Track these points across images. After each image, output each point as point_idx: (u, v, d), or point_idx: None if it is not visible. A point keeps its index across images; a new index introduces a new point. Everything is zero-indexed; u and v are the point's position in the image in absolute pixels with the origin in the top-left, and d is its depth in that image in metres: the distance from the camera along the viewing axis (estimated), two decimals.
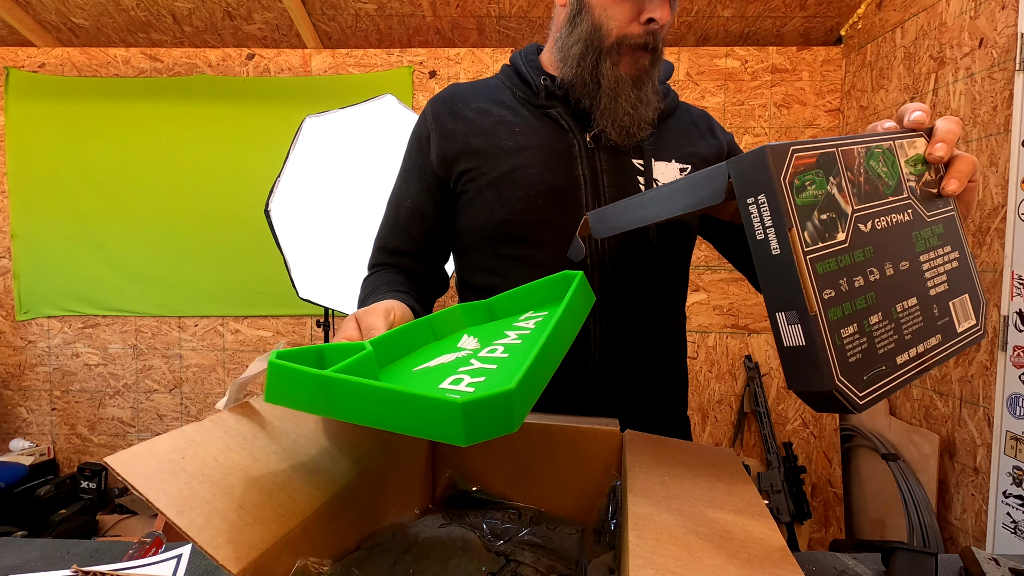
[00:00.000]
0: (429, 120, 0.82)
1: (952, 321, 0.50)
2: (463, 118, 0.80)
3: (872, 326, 0.43)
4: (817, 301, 0.40)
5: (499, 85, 0.85)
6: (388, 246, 0.85)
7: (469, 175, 0.79)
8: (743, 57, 2.52)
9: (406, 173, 0.85)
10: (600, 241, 0.77)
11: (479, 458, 0.64)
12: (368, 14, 2.39)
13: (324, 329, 2.13)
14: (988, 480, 1.62)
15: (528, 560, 0.49)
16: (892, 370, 0.43)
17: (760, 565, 0.35)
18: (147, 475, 0.35)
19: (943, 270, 0.50)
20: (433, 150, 0.80)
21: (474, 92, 0.84)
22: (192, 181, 2.59)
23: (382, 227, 0.87)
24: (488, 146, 0.78)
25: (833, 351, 0.40)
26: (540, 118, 0.80)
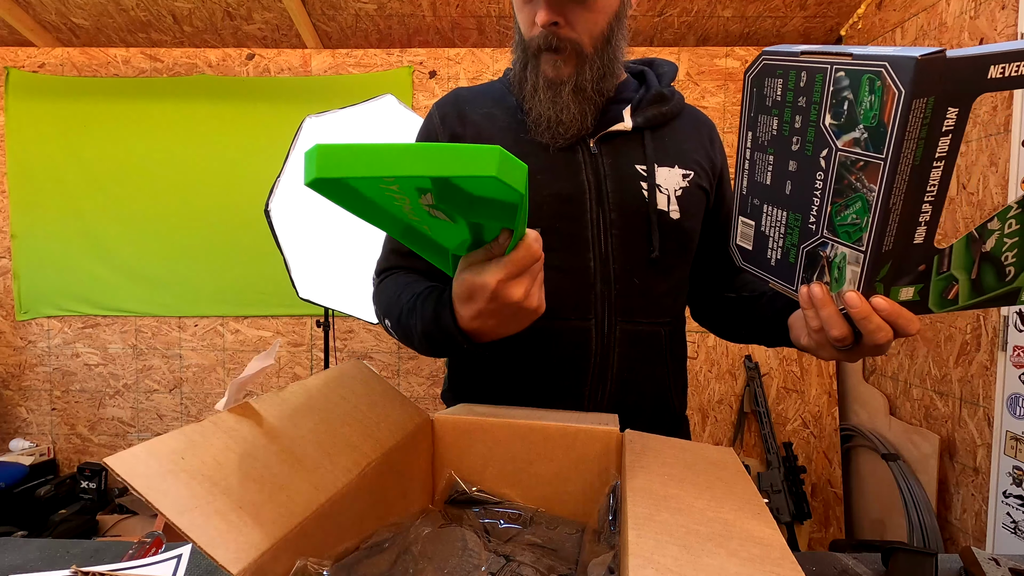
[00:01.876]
0: (437, 123, 0.82)
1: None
2: (471, 122, 0.80)
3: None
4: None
5: (503, 89, 0.85)
6: (401, 249, 0.83)
7: None
8: (743, 57, 2.52)
9: None
10: (603, 245, 0.77)
11: (479, 458, 0.64)
12: (368, 14, 2.39)
13: (324, 329, 2.13)
14: (988, 480, 1.62)
15: (528, 560, 0.49)
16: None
17: (760, 564, 0.35)
18: (147, 475, 0.35)
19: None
20: None
21: (479, 96, 0.84)
22: (192, 181, 2.59)
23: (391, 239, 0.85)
24: None
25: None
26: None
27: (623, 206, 0.78)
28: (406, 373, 2.66)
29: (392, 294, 0.75)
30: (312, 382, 0.56)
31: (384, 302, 0.77)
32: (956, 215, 1.80)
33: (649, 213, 0.78)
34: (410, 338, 0.71)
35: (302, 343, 2.67)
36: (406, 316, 0.70)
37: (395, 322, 0.73)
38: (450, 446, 0.64)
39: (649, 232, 0.78)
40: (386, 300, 0.77)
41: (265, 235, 2.44)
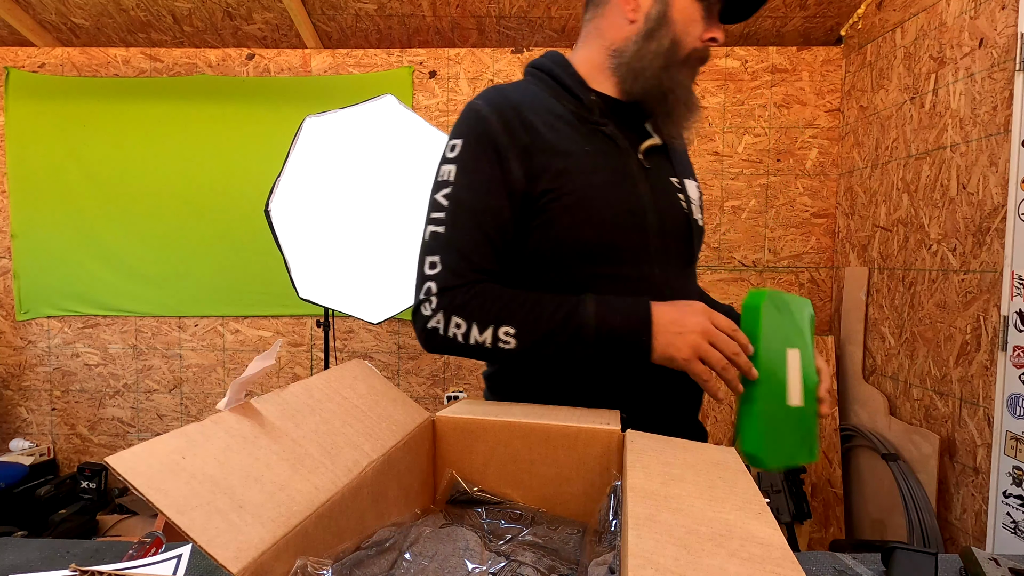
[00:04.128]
0: (499, 129, 0.76)
1: None
2: (536, 130, 0.77)
3: None
4: None
5: (548, 96, 0.82)
6: (479, 265, 0.76)
7: (552, 194, 0.76)
8: (743, 57, 2.52)
9: (482, 184, 0.76)
10: (661, 254, 0.81)
11: (480, 458, 0.64)
12: (368, 14, 2.39)
13: (324, 329, 2.13)
14: (988, 480, 1.62)
15: (529, 560, 0.49)
16: None
17: (761, 564, 0.35)
18: (147, 475, 0.35)
19: None
20: (516, 165, 0.76)
21: (530, 102, 0.80)
22: (192, 181, 2.59)
23: (462, 241, 0.76)
24: (567, 165, 0.76)
25: None
26: (598, 136, 0.80)
27: (671, 217, 0.82)
28: (406, 373, 2.66)
29: (508, 297, 0.73)
30: (313, 382, 0.56)
31: (494, 308, 0.73)
32: (956, 215, 1.80)
33: (690, 222, 0.84)
34: (550, 340, 0.71)
35: (302, 343, 2.67)
36: (559, 321, 0.71)
37: (522, 324, 0.71)
38: (451, 446, 0.64)
39: (691, 239, 0.84)
40: (499, 305, 0.73)
41: (265, 235, 2.45)
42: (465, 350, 0.74)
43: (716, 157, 2.55)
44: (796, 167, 2.53)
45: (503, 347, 0.72)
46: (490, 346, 0.72)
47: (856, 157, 2.36)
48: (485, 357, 0.75)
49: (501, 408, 0.68)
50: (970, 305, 1.74)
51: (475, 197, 0.76)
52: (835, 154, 2.51)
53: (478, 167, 0.76)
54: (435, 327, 0.74)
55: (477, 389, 2.67)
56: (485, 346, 0.72)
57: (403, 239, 2.07)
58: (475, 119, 0.78)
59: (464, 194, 0.76)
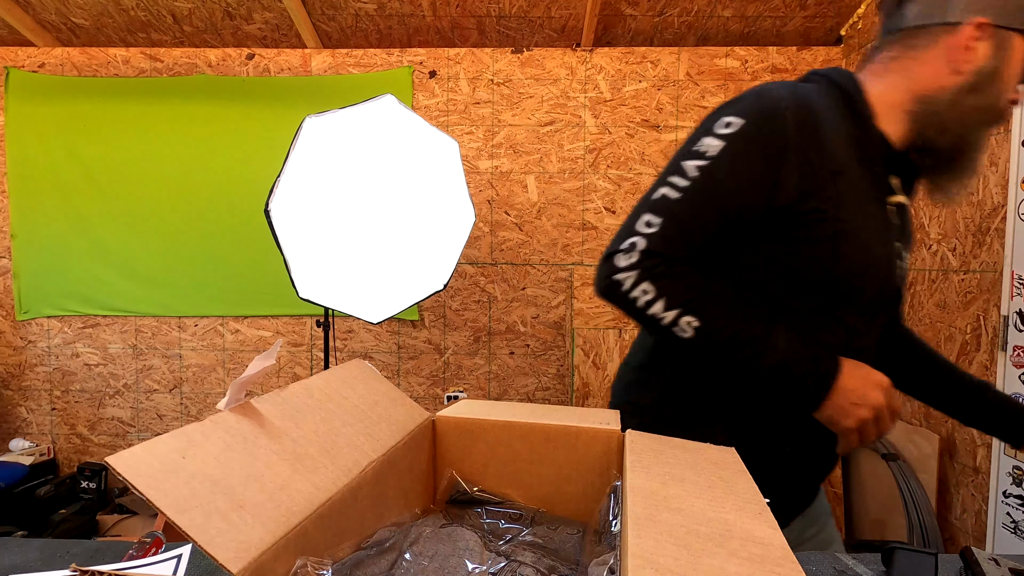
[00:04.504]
0: (792, 132, 0.70)
1: None
2: (824, 148, 0.72)
3: None
4: None
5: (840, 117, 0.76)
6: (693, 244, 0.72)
7: (821, 215, 0.71)
8: (743, 57, 2.52)
9: (744, 177, 0.70)
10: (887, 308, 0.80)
11: (480, 458, 0.64)
12: (368, 14, 2.39)
13: (324, 329, 2.13)
14: (988, 480, 1.62)
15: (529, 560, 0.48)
16: None
17: (761, 564, 0.35)
18: (147, 475, 0.35)
19: None
20: (793, 175, 0.70)
21: (827, 115, 0.74)
22: (192, 181, 2.59)
23: (690, 215, 0.71)
24: (845, 192, 0.72)
25: None
26: (873, 174, 0.76)
27: (895, 277, 0.79)
28: (406, 373, 2.66)
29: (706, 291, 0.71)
30: (313, 382, 0.56)
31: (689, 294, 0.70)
32: (956, 215, 1.80)
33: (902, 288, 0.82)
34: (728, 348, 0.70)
35: (302, 343, 2.66)
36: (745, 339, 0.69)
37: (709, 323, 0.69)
38: (451, 446, 0.64)
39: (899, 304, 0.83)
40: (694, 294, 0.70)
41: (265, 235, 2.45)
42: (637, 314, 0.72)
43: None
44: None
45: (678, 333, 0.70)
46: (666, 325, 0.70)
47: None
48: (653, 331, 0.72)
49: (501, 408, 0.68)
50: (970, 305, 1.74)
51: (729, 184, 0.71)
52: None
53: (749, 158, 0.70)
54: (621, 281, 0.71)
55: (477, 389, 2.67)
56: (661, 323, 0.70)
57: (403, 239, 2.07)
58: (771, 110, 0.71)
59: (720, 175, 0.70)
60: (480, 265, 2.63)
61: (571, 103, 2.57)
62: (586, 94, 2.57)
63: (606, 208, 2.59)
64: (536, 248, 2.61)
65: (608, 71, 2.56)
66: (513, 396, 2.65)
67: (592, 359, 2.40)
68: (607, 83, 2.56)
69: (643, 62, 2.55)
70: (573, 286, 2.45)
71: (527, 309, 2.63)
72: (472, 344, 2.65)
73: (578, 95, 2.57)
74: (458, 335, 2.65)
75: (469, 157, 2.60)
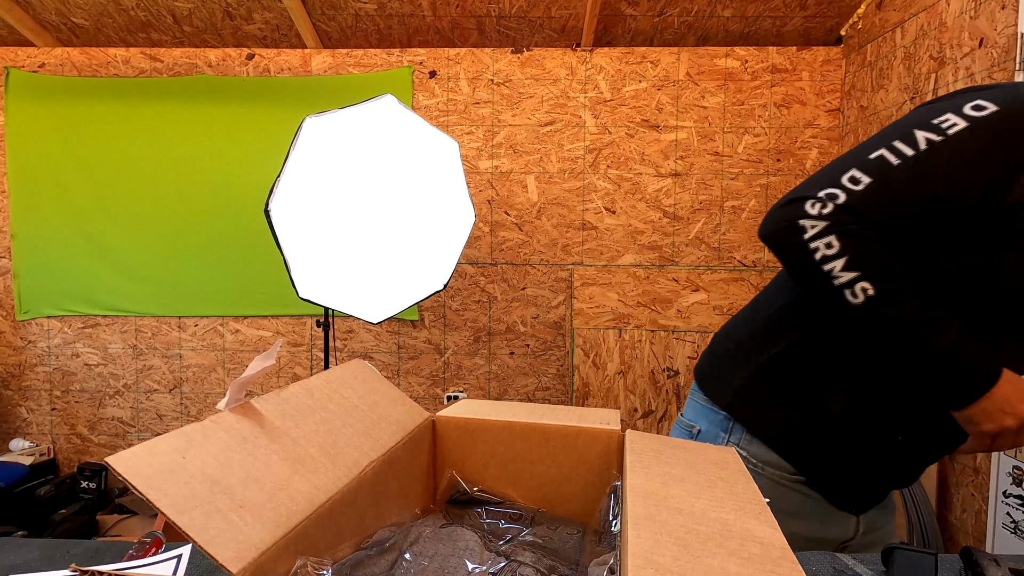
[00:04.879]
0: None
1: None
2: None
3: None
4: None
5: None
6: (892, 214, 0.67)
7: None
8: (743, 57, 2.52)
9: (974, 164, 0.65)
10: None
11: (480, 458, 0.64)
12: (368, 14, 2.39)
13: (324, 329, 2.13)
14: (988, 480, 1.62)
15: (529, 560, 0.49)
16: None
17: (760, 564, 0.35)
18: (147, 475, 0.35)
19: None
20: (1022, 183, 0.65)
21: None
22: (192, 181, 2.59)
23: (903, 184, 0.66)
24: None
25: None
26: None
27: None
28: (406, 373, 2.66)
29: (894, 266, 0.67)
30: (313, 382, 0.56)
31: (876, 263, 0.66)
32: None
33: None
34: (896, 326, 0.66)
35: (302, 343, 2.66)
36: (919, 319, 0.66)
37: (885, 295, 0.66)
38: (451, 446, 0.64)
39: None
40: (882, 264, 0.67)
41: (265, 235, 2.45)
42: (807, 265, 0.68)
43: (716, 157, 2.55)
44: (796, 167, 2.53)
45: (847, 296, 0.67)
46: (837, 286, 0.67)
47: None
48: (817, 286, 0.69)
49: (501, 408, 0.68)
50: None
51: (959, 165, 0.65)
52: (835, 154, 2.51)
53: (989, 148, 0.65)
54: (804, 227, 0.68)
55: (477, 389, 2.67)
56: (832, 282, 0.67)
57: (403, 239, 2.07)
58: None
59: (951, 156, 0.65)
60: (480, 265, 2.63)
61: (571, 103, 2.57)
62: (586, 94, 2.57)
63: (606, 208, 2.59)
64: (536, 248, 2.61)
65: (608, 71, 2.56)
66: (513, 396, 2.65)
67: (592, 359, 2.40)
68: (607, 83, 2.56)
69: (643, 62, 2.55)
70: (573, 286, 2.45)
71: (527, 309, 2.63)
72: (472, 344, 2.65)
73: (578, 95, 2.57)
74: (458, 335, 2.65)
75: (469, 157, 2.60)
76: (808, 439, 0.79)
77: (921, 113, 0.70)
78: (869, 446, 0.77)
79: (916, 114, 0.71)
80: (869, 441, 0.77)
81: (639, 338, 2.39)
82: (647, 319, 2.42)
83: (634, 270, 2.45)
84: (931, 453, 0.80)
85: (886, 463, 0.78)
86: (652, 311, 2.42)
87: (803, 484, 0.80)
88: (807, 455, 0.79)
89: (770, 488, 0.80)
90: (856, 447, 0.78)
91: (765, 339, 0.83)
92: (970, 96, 0.67)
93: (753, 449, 0.82)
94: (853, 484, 0.80)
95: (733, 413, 0.84)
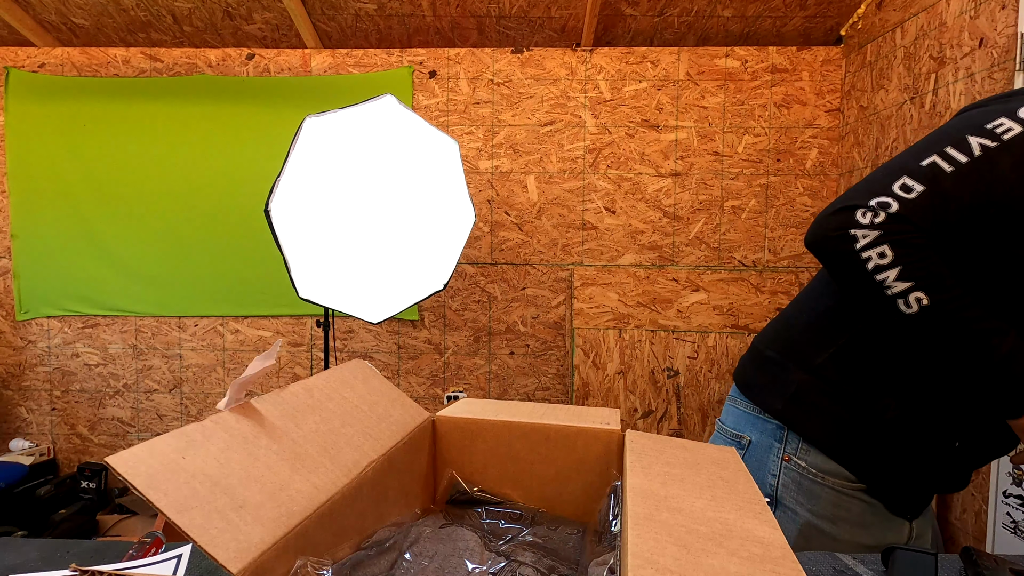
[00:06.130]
0: None
1: None
2: None
3: None
4: None
5: None
6: (944, 222, 0.66)
7: None
8: (743, 57, 2.52)
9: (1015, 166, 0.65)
10: None
11: (480, 458, 0.64)
12: (368, 14, 2.39)
13: (324, 329, 2.13)
14: (988, 480, 1.62)
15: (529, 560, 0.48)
16: None
17: (760, 564, 0.35)
18: (147, 475, 0.35)
19: None
20: None
21: None
22: (192, 181, 2.59)
23: (956, 193, 0.66)
24: None
25: None
26: None
27: None
28: (406, 373, 2.66)
29: (947, 275, 0.66)
30: (314, 382, 0.56)
31: (930, 272, 0.65)
32: None
33: None
34: (951, 335, 0.65)
35: (302, 343, 2.66)
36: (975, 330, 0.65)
37: (940, 305, 0.65)
38: (451, 446, 0.64)
39: None
40: (936, 273, 0.65)
41: (265, 235, 2.45)
42: (859, 275, 0.67)
43: (716, 157, 2.55)
44: (796, 167, 2.53)
45: (901, 306, 0.66)
46: (891, 295, 0.66)
47: (856, 157, 2.36)
48: (870, 296, 0.68)
49: (501, 408, 0.68)
50: None
51: (1012, 176, 0.65)
52: (835, 154, 2.51)
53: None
54: (856, 236, 0.67)
55: (477, 389, 2.67)
56: (887, 292, 0.66)
57: (403, 239, 2.07)
58: None
59: (1007, 162, 0.64)
60: (480, 265, 2.63)
61: (571, 103, 2.57)
62: (586, 94, 2.57)
63: (606, 208, 2.59)
64: (536, 248, 2.61)
65: (608, 71, 2.56)
66: (513, 396, 2.65)
67: (592, 359, 2.40)
68: (607, 83, 2.56)
69: (643, 62, 2.55)
70: (573, 286, 2.45)
71: (527, 309, 2.63)
72: (472, 344, 2.65)
73: (578, 95, 2.57)
74: (458, 335, 2.65)
75: (469, 157, 2.60)
76: (866, 446, 0.77)
77: (971, 117, 0.68)
78: (927, 452, 0.76)
79: (966, 118, 0.69)
80: (926, 447, 0.75)
81: (639, 338, 2.39)
82: (647, 319, 2.42)
83: (634, 270, 2.45)
84: (986, 457, 0.79)
85: (943, 468, 0.77)
86: (652, 311, 2.42)
87: (863, 492, 0.78)
88: (866, 462, 0.78)
89: (832, 498, 0.78)
90: (914, 453, 0.76)
91: (814, 343, 0.81)
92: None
93: (811, 459, 0.79)
94: (911, 490, 0.79)
95: (786, 421, 0.81)
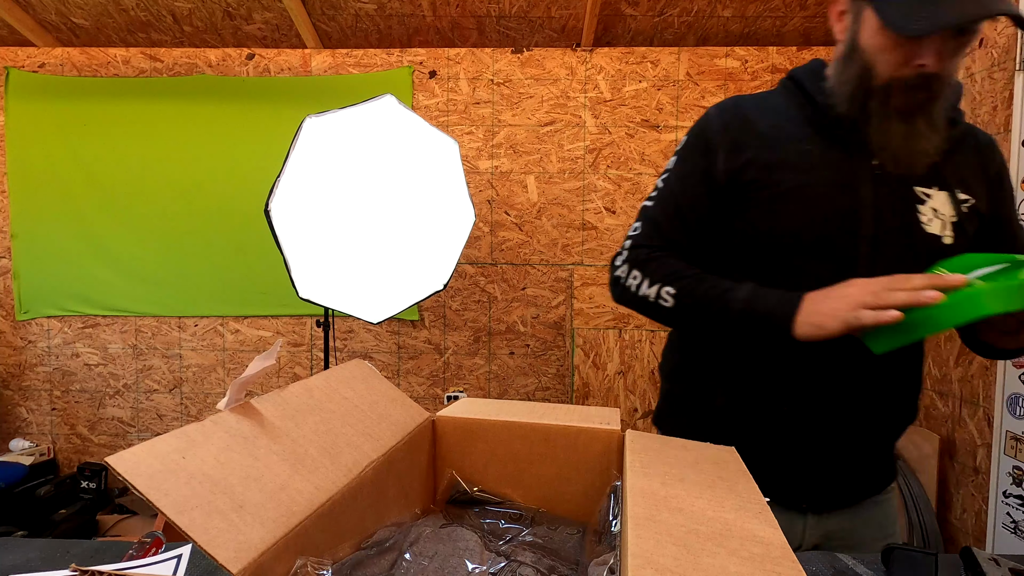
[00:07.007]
0: (716, 129, 0.85)
1: None
2: (755, 132, 0.83)
3: None
4: None
5: (783, 102, 0.86)
6: (667, 235, 0.87)
7: (759, 184, 0.81)
8: (743, 57, 2.52)
9: (687, 174, 0.87)
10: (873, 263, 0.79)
11: (480, 458, 0.64)
12: (368, 14, 2.39)
13: (324, 329, 2.13)
14: (988, 480, 1.62)
15: (529, 560, 0.49)
16: None
17: (761, 564, 0.35)
18: (147, 475, 0.35)
19: None
20: (721, 160, 0.83)
21: (760, 107, 0.86)
22: (192, 181, 2.59)
23: (659, 213, 0.88)
24: (778, 161, 0.81)
25: None
26: (827, 139, 0.81)
27: (895, 225, 0.78)
28: (406, 373, 2.66)
29: (681, 267, 0.83)
30: (313, 382, 0.56)
31: (666, 271, 0.83)
32: None
33: (919, 234, 0.79)
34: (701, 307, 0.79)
35: (302, 343, 2.66)
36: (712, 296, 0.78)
37: (682, 289, 0.80)
38: (451, 446, 0.64)
39: (914, 250, 0.79)
40: (670, 270, 0.83)
41: (265, 235, 2.44)
42: (635, 301, 0.85)
43: None
44: None
45: (662, 304, 0.81)
46: (652, 301, 0.82)
47: None
48: (649, 313, 0.84)
49: (501, 408, 0.68)
50: None
51: (679, 183, 0.88)
52: None
53: (689, 158, 0.88)
54: (620, 276, 0.87)
55: (477, 389, 2.67)
56: (648, 300, 0.83)
57: (403, 239, 2.07)
58: (702, 119, 0.88)
59: (672, 179, 0.89)
60: (480, 265, 2.63)
61: (571, 103, 2.57)
62: (586, 94, 2.57)
63: (606, 208, 2.59)
64: (536, 248, 2.61)
65: (608, 71, 2.56)
66: (513, 396, 2.65)
67: (592, 359, 2.40)
68: (607, 83, 2.56)
69: (643, 62, 2.55)
70: (573, 286, 2.45)
71: (527, 309, 2.63)
72: (472, 344, 2.65)
73: (578, 95, 2.57)
74: (458, 335, 2.65)
75: (469, 157, 2.60)
76: (714, 440, 0.80)
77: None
78: (762, 427, 0.83)
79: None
80: (759, 422, 0.83)
81: (639, 338, 2.39)
82: (647, 319, 2.42)
83: None
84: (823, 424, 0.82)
85: (786, 439, 0.82)
86: None
87: None
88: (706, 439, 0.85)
89: None
90: (751, 432, 0.82)
91: (666, 364, 0.99)
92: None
93: None
94: (774, 473, 0.79)
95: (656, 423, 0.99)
